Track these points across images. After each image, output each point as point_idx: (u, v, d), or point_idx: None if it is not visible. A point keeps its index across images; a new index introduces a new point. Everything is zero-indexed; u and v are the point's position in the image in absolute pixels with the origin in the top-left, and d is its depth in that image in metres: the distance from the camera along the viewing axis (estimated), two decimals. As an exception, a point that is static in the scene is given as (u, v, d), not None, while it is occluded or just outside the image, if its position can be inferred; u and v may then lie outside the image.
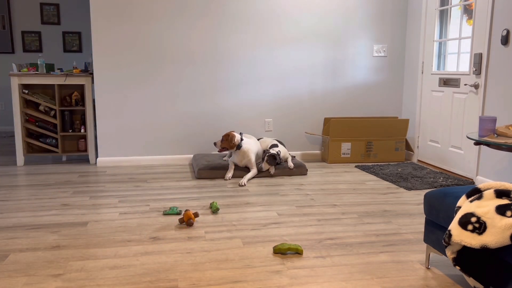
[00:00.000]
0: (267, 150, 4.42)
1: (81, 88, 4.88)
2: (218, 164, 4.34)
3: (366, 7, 5.12)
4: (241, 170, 4.29)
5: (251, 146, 4.29)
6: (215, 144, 4.28)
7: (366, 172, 4.58)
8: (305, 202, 3.52)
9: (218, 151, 4.33)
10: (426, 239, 2.34)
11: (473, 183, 4.14)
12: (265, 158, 4.29)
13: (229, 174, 4.22)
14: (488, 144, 2.96)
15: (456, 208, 2.01)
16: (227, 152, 4.57)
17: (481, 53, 4.02)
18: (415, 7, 5.05)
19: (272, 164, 4.32)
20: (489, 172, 3.98)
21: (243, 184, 3.99)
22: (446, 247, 1.95)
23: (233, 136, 4.21)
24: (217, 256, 2.49)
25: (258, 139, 4.73)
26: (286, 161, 4.57)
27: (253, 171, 4.23)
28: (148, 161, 4.89)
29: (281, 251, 2.52)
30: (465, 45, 4.38)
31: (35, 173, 4.43)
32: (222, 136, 4.27)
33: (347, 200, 3.58)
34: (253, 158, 4.27)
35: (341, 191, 3.85)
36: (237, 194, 3.73)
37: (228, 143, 4.23)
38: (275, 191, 3.85)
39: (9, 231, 2.86)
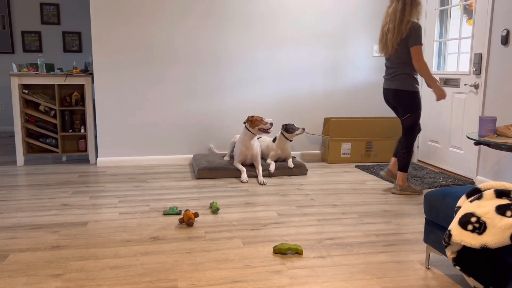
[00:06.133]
0: (284, 124, 4.49)
1: (81, 88, 4.87)
2: (218, 164, 4.34)
3: (366, 7, 5.12)
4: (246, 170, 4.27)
5: (260, 143, 4.57)
6: (259, 120, 4.18)
7: (366, 172, 4.57)
8: (305, 202, 3.52)
9: (266, 129, 4.20)
10: (426, 239, 2.34)
11: (473, 183, 4.14)
12: (285, 127, 4.43)
13: (245, 175, 4.17)
14: (488, 144, 2.96)
15: (456, 208, 2.01)
16: (227, 152, 4.57)
17: (481, 53, 4.02)
18: (415, 7, 5.04)
19: (292, 132, 4.44)
20: (489, 172, 3.98)
21: (263, 182, 4.07)
22: (446, 247, 1.95)
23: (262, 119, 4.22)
24: (217, 256, 2.49)
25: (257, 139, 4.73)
26: (286, 161, 4.56)
27: (260, 168, 4.27)
28: (148, 161, 4.89)
29: (281, 251, 2.52)
30: (465, 45, 4.38)
31: (35, 173, 4.43)
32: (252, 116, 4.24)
33: (347, 200, 3.59)
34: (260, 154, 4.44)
35: (341, 191, 3.85)
36: (237, 194, 3.73)
37: (256, 123, 4.22)
38: (275, 191, 3.85)
39: (9, 231, 2.86)
